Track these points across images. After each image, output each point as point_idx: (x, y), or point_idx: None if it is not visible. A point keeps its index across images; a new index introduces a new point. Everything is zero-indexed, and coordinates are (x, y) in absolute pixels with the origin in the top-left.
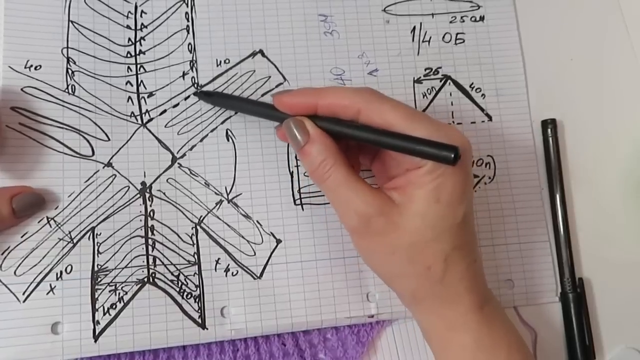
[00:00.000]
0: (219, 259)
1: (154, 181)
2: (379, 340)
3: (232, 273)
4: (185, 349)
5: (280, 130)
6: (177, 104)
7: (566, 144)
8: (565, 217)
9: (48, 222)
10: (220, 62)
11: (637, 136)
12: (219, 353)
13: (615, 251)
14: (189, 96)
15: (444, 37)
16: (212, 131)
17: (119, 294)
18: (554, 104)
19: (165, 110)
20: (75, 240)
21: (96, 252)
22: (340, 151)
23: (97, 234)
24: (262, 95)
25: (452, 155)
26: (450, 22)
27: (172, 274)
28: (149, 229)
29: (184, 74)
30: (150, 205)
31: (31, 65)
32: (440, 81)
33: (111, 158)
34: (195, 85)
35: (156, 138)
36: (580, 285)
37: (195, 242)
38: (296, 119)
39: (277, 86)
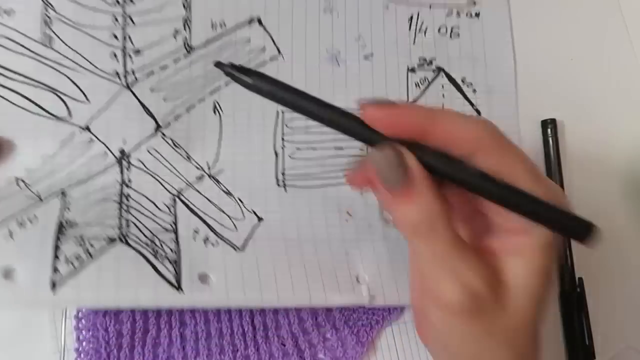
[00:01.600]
0: (197, 229)
1: (134, 150)
2: (378, 340)
3: (212, 244)
4: (184, 349)
5: (360, 171)
6: (166, 66)
7: (566, 144)
8: None
9: (17, 183)
10: (216, 24)
11: (637, 136)
12: (219, 353)
13: (615, 251)
14: (179, 58)
15: (439, 29)
16: (199, 102)
17: (86, 247)
18: (554, 104)
19: (152, 72)
20: (43, 199)
21: (65, 209)
22: (446, 201)
23: (67, 194)
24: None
25: (590, 234)
26: (447, 15)
27: (146, 236)
28: (124, 196)
29: (175, 33)
30: (128, 174)
31: (2, 10)
32: (434, 72)
33: (90, 121)
34: (187, 47)
35: (140, 103)
36: (580, 285)
37: (173, 212)
38: (396, 150)
39: (270, 59)
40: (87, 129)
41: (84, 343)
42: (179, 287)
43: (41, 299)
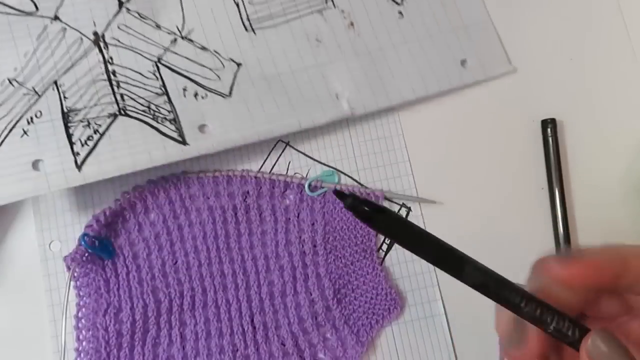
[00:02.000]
0: (185, 87)
1: (106, 29)
2: (378, 340)
3: (202, 96)
4: (184, 348)
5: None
6: None
7: (566, 144)
8: (565, 217)
9: (10, 83)
10: None
11: (637, 136)
12: (219, 353)
13: None
14: None
15: None
16: None
17: (93, 127)
18: (554, 104)
19: None
20: (40, 93)
21: (62, 98)
22: None
23: (60, 84)
24: None
25: None
26: None
27: (142, 105)
28: (110, 73)
29: None
30: (107, 53)
31: None
32: None
33: (57, 10)
34: None
35: None
36: None
37: (159, 76)
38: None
39: None
40: (57, 18)
41: (83, 343)
42: (184, 142)
43: (71, 179)
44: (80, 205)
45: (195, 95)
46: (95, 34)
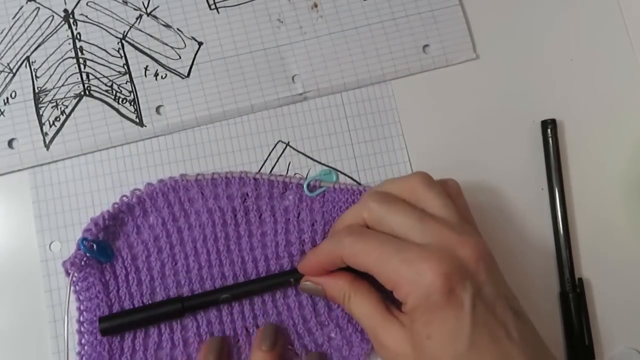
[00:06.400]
0: (147, 66)
1: (75, 6)
2: None
3: (162, 76)
4: (187, 351)
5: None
6: None
7: (566, 144)
8: (565, 217)
9: None
10: None
11: (637, 136)
12: None
13: (615, 251)
14: None
15: None
16: None
17: (61, 108)
18: (554, 104)
19: None
20: (14, 70)
21: (34, 77)
22: (362, 281)
23: (32, 61)
24: None
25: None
26: None
27: (105, 85)
28: (78, 50)
29: None
30: (76, 29)
31: None
32: None
33: None
34: None
35: None
36: (580, 285)
37: (123, 54)
38: (304, 286)
39: None
40: None
41: (86, 347)
42: (141, 123)
43: (40, 157)
44: (80, 206)
45: (156, 75)
46: (66, 10)
